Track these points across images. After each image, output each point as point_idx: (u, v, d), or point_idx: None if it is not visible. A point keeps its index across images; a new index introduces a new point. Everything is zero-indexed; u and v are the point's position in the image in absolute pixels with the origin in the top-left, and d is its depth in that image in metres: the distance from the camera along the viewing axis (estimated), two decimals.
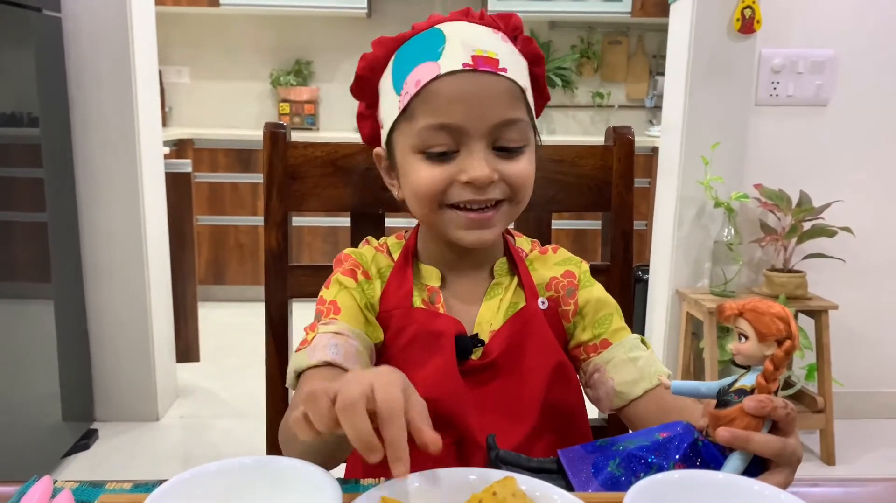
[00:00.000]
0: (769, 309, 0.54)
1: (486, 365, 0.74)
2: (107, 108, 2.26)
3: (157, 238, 2.48)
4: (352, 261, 0.79)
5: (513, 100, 0.71)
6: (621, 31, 4.18)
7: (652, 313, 2.61)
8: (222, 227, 3.73)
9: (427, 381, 0.72)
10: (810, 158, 2.38)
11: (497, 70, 0.69)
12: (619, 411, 0.76)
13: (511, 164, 0.71)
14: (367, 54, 0.77)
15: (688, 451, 0.55)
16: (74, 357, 2.26)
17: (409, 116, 0.71)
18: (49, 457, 2.09)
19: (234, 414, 2.53)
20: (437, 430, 0.70)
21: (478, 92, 0.68)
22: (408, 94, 0.71)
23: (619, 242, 0.92)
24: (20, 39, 1.96)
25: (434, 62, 0.69)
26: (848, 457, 2.28)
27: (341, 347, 0.69)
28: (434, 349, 0.74)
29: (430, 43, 0.71)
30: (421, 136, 0.70)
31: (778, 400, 0.53)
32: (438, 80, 0.69)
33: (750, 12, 2.22)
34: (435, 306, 0.76)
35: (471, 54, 0.69)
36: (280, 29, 4.13)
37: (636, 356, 0.76)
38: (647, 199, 3.61)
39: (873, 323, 2.49)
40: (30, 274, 2.05)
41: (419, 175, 0.71)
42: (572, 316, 0.79)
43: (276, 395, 0.92)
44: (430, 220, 0.75)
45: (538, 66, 0.77)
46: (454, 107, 0.68)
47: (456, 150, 0.70)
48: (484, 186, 0.70)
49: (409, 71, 0.71)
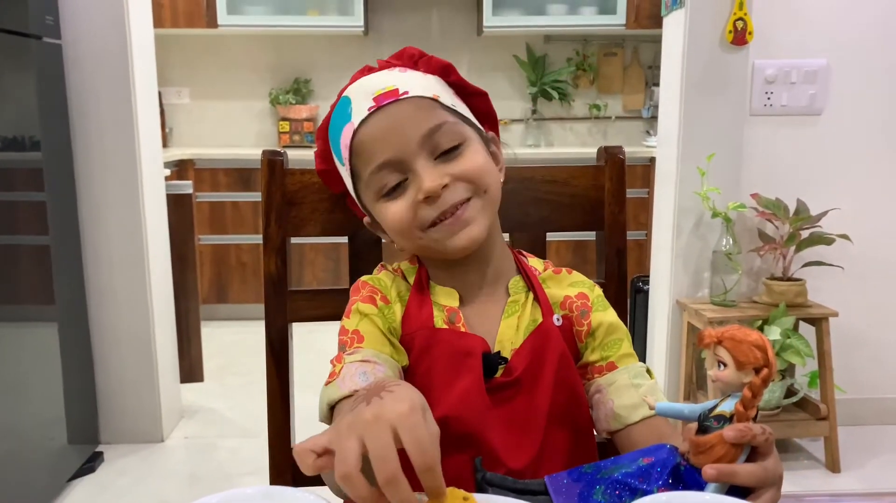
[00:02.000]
0: (747, 337, 0.55)
1: (511, 382, 0.75)
2: (108, 132, 2.29)
3: (160, 259, 2.50)
4: (370, 288, 0.80)
5: (426, 111, 0.74)
6: (616, 43, 4.21)
7: (653, 323, 2.61)
8: (224, 246, 3.75)
9: (454, 400, 0.73)
10: (806, 167, 2.40)
11: (399, 97, 0.74)
12: (614, 434, 0.77)
13: (457, 163, 0.74)
14: (315, 151, 0.84)
15: (670, 476, 0.55)
16: (79, 379, 2.27)
17: (358, 176, 0.77)
18: (55, 480, 2.10)
19: (240, 433, 2.54)
20: (460, 447, 0.72)
21: (391, 121, 0.73)
22: (347, 160, 0.77)
23: (613, 260, 0.93)
24: (22, 66, 1.98)
25: (349, 123, 0.75)
26: (853, 464, 2.28)
27: (370, 374, 0.71)
28: (462, 368, 0.74)
29: (342, 111, 0.77)
30: (371, 184, 0.75)
31: (756, 427, 0.54)
32: (357, 134, 0.75)
33: (742, 24, 2.24)
34: (456, 325, 0.77)
35: (372, 97, 0.75)
36: (278, 48, 4.16)
37: (639, 383, 0.77)
38: (646, 210, 3.63)
39: (874, 329, 2.50)
40: (33, 297, 2.07)
41: (388, 215, 0.75)
42: (585, 337, 0.80)
43: (277, 420, 0.93)
44: (422, 247, 0.77)
45: (451, 74, 0.81)
46: (378, 145, 0.73)
47: (405, 178, 0.74)
48: (440, 195, 0.72)
49: (338, 142, 0.77)
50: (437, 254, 0.77)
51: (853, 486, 2.18)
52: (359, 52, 4.14)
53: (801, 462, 2.33)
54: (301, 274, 3.74)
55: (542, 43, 4.22)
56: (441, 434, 0.72)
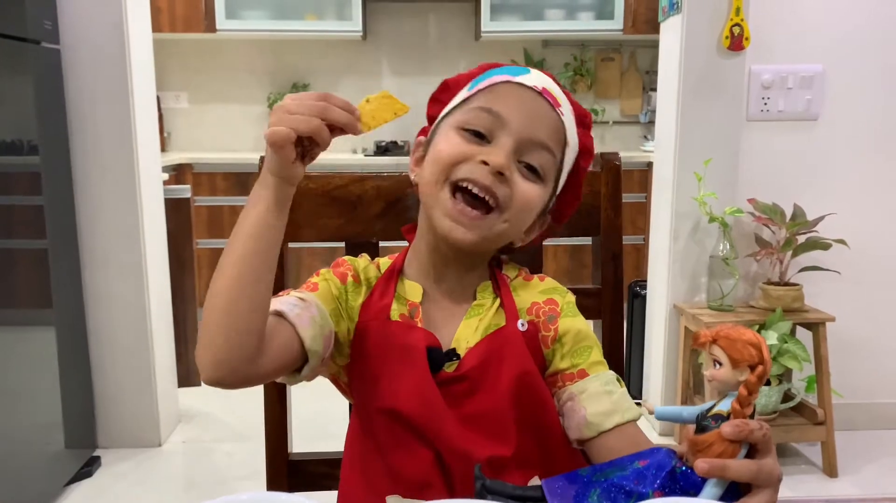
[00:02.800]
0: (741, 335, 0.56)
1: (460, 377, 0.75)
2: (106, 136, 2.29)
3: (158, 263, 2.50)
4: (346, 266, 0.82)
5: (555, 135, 0.77)
6: (613, 48, 4.23)
7: (650, 328, 2.62)
8: (222, 250, 3.73)
9: (403, 393, 0.74)
10: (803, 172, 2.41)
11: (555, 106, 0.77)
12: (587, 442, 0.76)
13: (524, 181, 0.75)
14: (449, 80, 0.84)
15: (666, 479, 0.56)
16: (76, 384, 2.27)
17: (469, 103, 0.78)
18: (52, 485, 2.10)
19: (236, 437, 2.54)
20: (417, 442, 0.73)
21: (533, 107, 0.76)
22: (478, 88, 0.78)
23: (609, 265, 0.93)
24: (20, 71, 1.99)
25: (513, 76, 0.78)
26: (850, 469, 2.28)
27: (299, 308, 0.73)
28: (406, 361, 0.75)
29: (518, 70, 0.80)
30: (469, 113, 0.76)
31: (753, 423, 0.54)
32: (508, 84, 0.77)
33: (738, 30, 2.25)
34: (413, 320, 0.78)
35: (542, 87, 0.78)
36: (276, 52, 4.17)
37: (611, 390, 0.76)
38: (643, 214, 3.63)
39: (871, 333, 2.51)
40: (31, 301, 2.07)
41: (448, 141, 0.76)
42: (551, 342, 0.79)
43: (273, 426, 0.93)
44: (430, 196, 0.76)
45: (586, 160, 0.83)
46: (509, 102, 0.75)
47: (489, 141, 0.75)
48: (494, 174, 0.72)
49: (491, 75, 0.80)
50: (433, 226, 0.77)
51: (850, 491, 2.19)
52: (357, 56, 4.14)
53: (798, 466, 2.33)
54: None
55: (539, 48, 4.23)
56: (397, 426, 0.74)
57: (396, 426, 0.74)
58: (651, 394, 2.60)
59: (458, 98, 0.80)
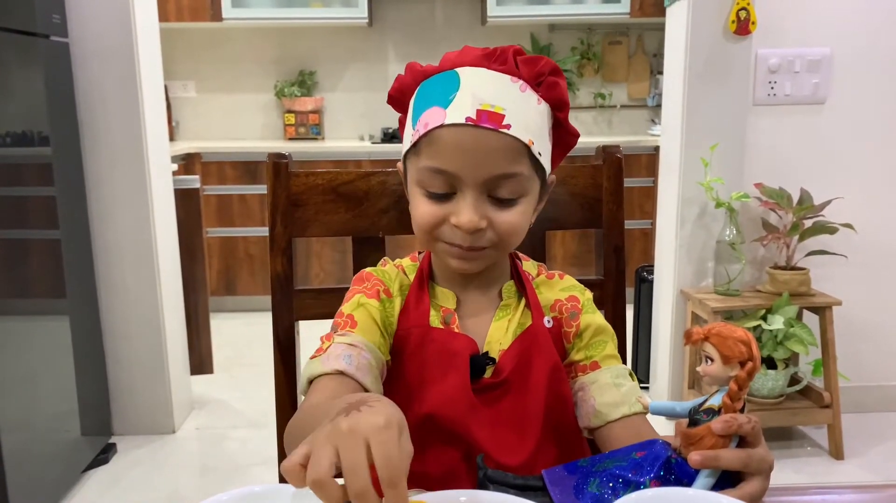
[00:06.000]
0: (732, 333, 0.58)
1: (498, 383, 0.78)
2: (115, 127, 2.31)
3: (168, 252, 2.53)
4: (375, 280, 0.82)
5: (513, 155, 0.73)
6: (621, 31, 4.20)
7: (657, 313, 2.63)
8: (231, 238, 3.78)
9: (442, 398, 0.76)
10: (810, 156, 2.40)
11: (499, 127, 0.72)
12: (595, 431, 0.79)
13: (502, 213, 0.75)
14: (400, 76, 0.80)
15: (662, 469, 0.58)
16: (91, 372, 2.31)
17: (417, 152, 0.76)
18: (70, 472, 2.14)
19: (249, 424, 2.58)
20: (447, 445, 0.75)
21: (476, 146, 0.72)
22: (418, 133, 0.75)
23: (611, 257, 0.95)
24: (30, 65, 2.01)
25: (443, 109, 0.73)
26: (856, 451, 2.30)
27: (354, 359, 0.73)
28: (450, 367, 0.77)
29: (446, 87, 0.74)
30: (422, 174, 0.75)
31: (742, 417, 0.57)
32: (441, 129, 0.73)
33: (745, 14, 2.24)
34: (451, 326, 0.80)
35: (476, 108, 0.72)
36: (283, 41, 4.17)
37: (621, 383, 0.79)
38: (651, 199, 3.63)
39: (877, 317, 2.51)
40: (45, 291, 2.10)
41: (418, 209, 0.77)
42: (573, 337, 0.82)
43: (285, 416, 0.95)
44: (427, 247, 0.81)
45: (562, 111, 0.79)
46: (452, 155, 0.72)
47: (453, 192, 0.74)
48: (470, 232, 0.73)
49: (423, 111, 0.75)
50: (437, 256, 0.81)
51: (856, 474, 2.20)
52: (363, 43, 4.14)
53: (804, 449, 2.35)
54: (308, 266, 3.77)
55: (546, 32, 4.21)
56: (428, 429, 0.75)
57: (429, 431, 0.76)
58: (658, 378, 2.62)
59: (407, 134, 0.78)
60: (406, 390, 0.79)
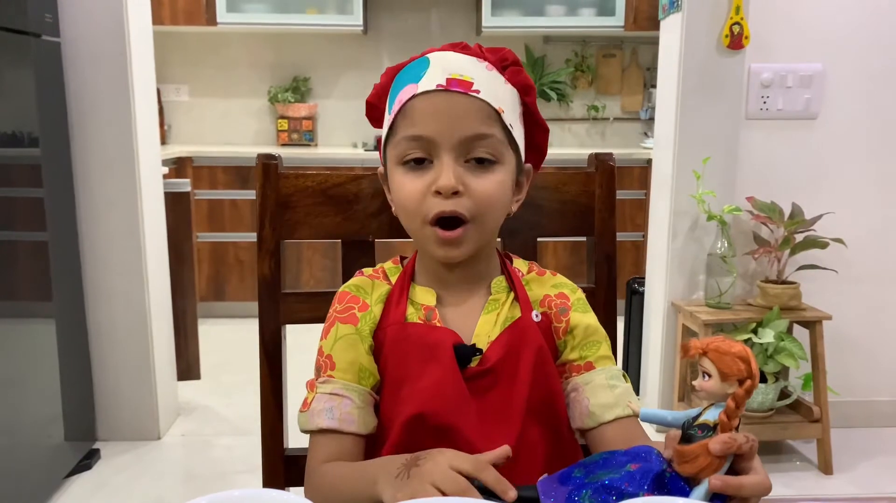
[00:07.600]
0: (731, 349, 0.56)
1: (486, 371, 0.77)
2: (106, 129, 2.30)
3: (157, 256, 2.51)
4: (349, 298, 0.82)
5: (484, 117, 0.76)
6: (615, 44, 4.22)
7: (648, 325, 2.63)
8: (222, 243, 3.75)
9: (427, 392, 0.75)
10: (801, 171, 2.41)
11: (469, 91, 0.75)
12: (587, 432, 0.79)
13: (479, 180, 0.76)
14: (375, 84, 0.84)
15: (655, 483, 0.57)
16: (76, 376, 2.28)
17: (394, 132, 0.79)
18: (52, 477, 2.11)
19: (236, 431, 2.55)
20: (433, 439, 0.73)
21: (448, 109, 0.75)
22: (394, 112, 0.78)
23: (602, 265, 0.94)
24: (21, 64, 1.99)
25: (415, 84, 0.77)
26: (845, 467, 2.29)
27: (336, 411, 0.77)
28: (431, 359, 0.76)
29: (417, 69, 0.78)
30: (399, 146, 0.77)
31: (740, 436, 0.55)
32: (415, 98, 0.76)
33: (738, 28, 2.25)
34: (431, 322, 0.79)
35: (446, 77, 0.76)
36: (277, 46, 4.17)
37: (615, 384, 0.79)
38: (643, 211, 3.64)
39: (867, 332, 2.51)
40: (31, 293, 2.08)
41: (403, 188, 0.77)
42: (563, 334, 0.82)
43: (270, 422, 0.94)
44: (416, 235, 0.80)
45: (529, 95, 0.81)
46: (426, 120, 0.75)
47: (430, 160, 0.76)
48: (449, 195, 0.74)
49: (398, 92, 0.78)
50: (422, 247, 0.80)
51: (845, 488, 2.20)
52: (358, 50, 4.14)
53: (793, 464, 2.34)
54: (298, 272, 3.75)
55: (540, 43, 4.23)
56: (418, 427, 0.74)
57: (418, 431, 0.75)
58: (648, 390, 2.61)
59: (387, 122, 0.81)
60: (390, 388, 0.78)
